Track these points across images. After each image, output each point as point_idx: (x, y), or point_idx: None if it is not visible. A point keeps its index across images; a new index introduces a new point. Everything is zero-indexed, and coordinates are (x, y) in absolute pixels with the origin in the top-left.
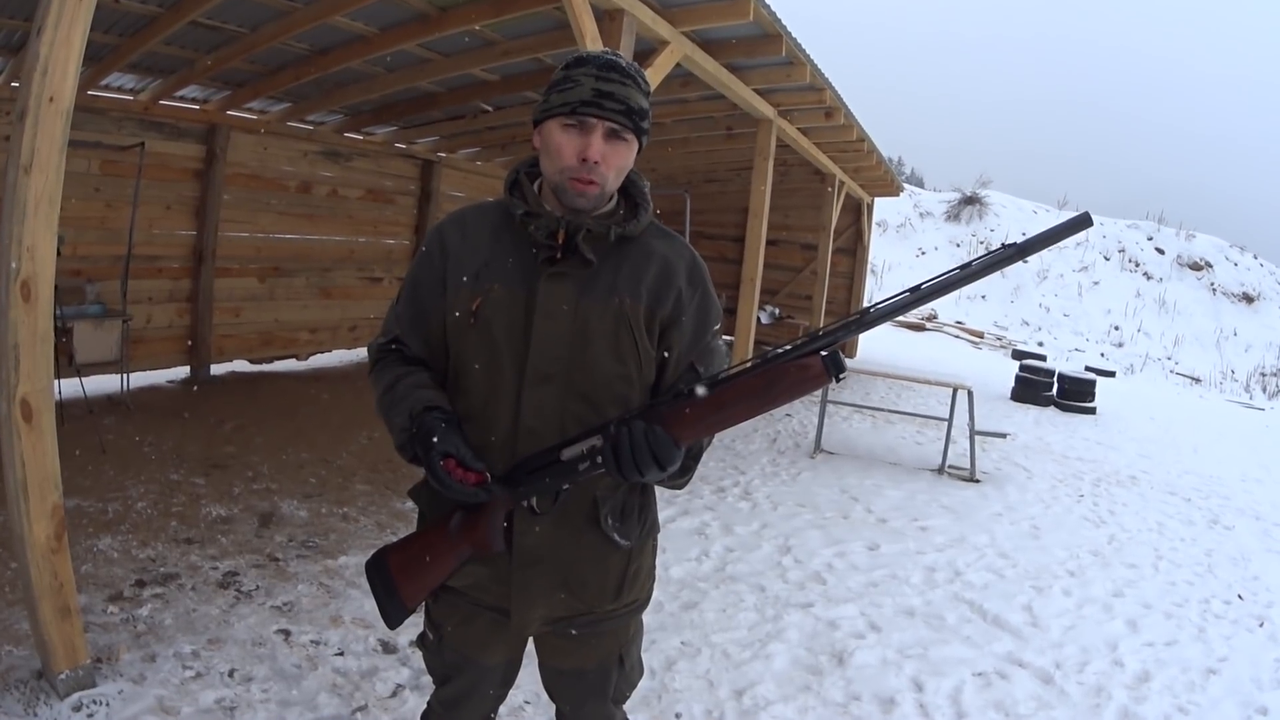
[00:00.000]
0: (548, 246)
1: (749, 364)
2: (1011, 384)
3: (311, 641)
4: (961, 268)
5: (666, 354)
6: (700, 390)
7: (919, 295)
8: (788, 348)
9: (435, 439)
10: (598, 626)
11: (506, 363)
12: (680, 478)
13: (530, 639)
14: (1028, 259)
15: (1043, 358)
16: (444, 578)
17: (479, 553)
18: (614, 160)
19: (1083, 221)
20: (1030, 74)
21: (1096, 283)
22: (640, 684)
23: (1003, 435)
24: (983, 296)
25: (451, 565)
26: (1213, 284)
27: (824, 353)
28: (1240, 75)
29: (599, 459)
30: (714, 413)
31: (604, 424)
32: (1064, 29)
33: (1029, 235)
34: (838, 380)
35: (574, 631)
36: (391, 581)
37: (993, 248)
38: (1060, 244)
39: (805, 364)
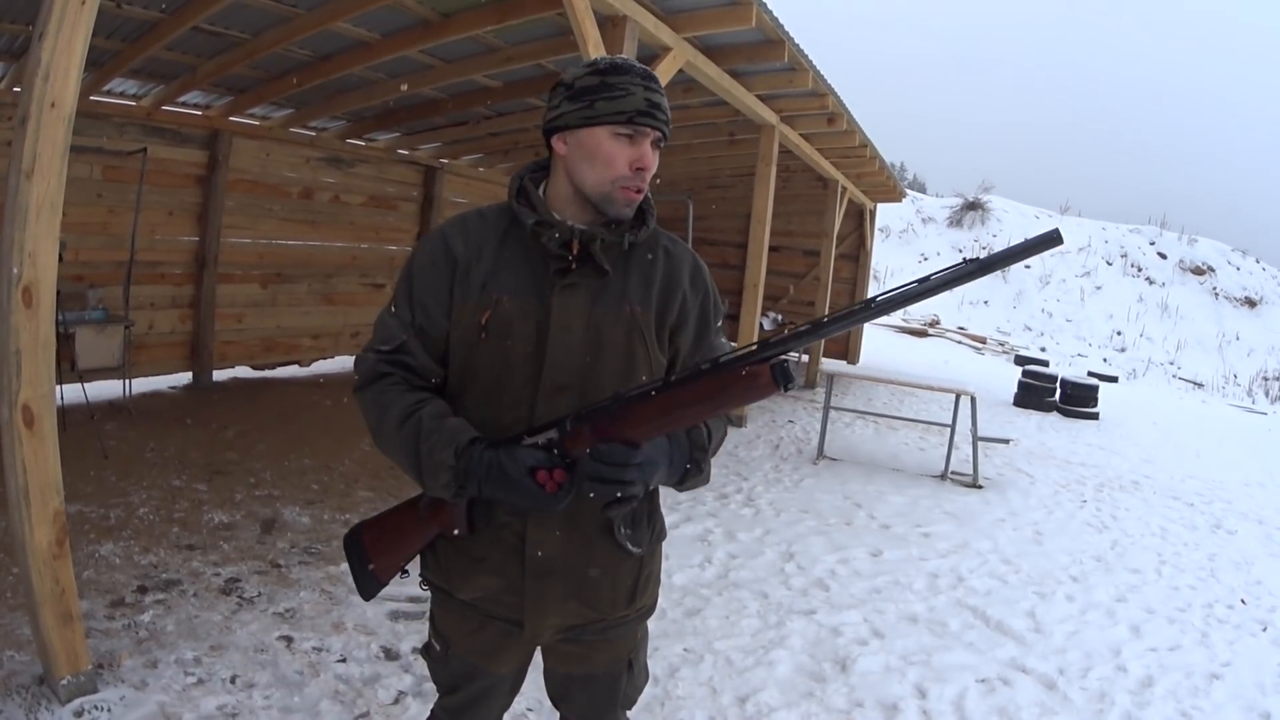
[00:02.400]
0: (559, 257)
1: (704, 366)
2: (1014, 389)
3: (314, 648)
4: (920, 281)
5: (673, 358)
6: (654, 392)
7: (873, 309)
8: (743, 351)
9: (504, 466)
10: (609, 633)
11: (519, 375)
12: (697, 475)
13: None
14: (994, 272)
15: (1045, 363)
16: (413, 554)
17: (444, 532)
18: (654, 168)
19: (1052, 239)
20: (1035, 86)
21: (1099, 288)
22: (644, 690)
23: (1005, 441)
24: (985, 302)
25: (420, 543)
26: (1215, 288)
27: (773, 363)
28: (1244, 84)
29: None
30: (664, 415)
31: (557, 420)
32: (1070, 35)
33: (991, 251)
34: (785, 390)
35: (585, 638)
36: (366, 555)
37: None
38: (1062, 251)
39: (754, 373)
